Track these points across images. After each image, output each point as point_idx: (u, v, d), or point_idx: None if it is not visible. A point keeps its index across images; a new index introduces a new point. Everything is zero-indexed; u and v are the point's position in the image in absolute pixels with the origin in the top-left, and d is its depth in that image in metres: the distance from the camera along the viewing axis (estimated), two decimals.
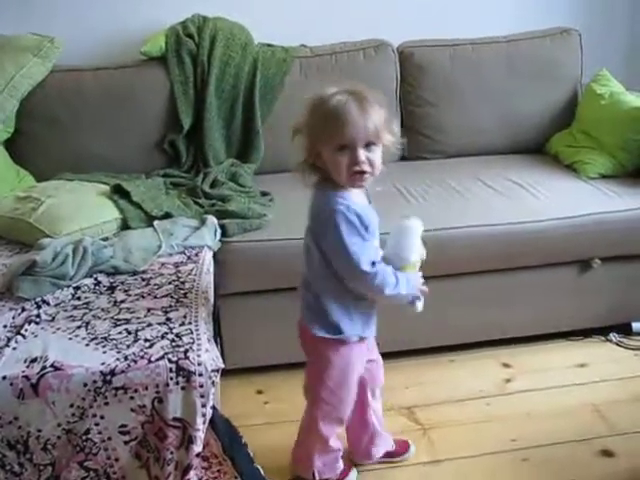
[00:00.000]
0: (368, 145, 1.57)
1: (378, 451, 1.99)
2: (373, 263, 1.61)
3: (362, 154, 1.56)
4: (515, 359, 2.48)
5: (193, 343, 1.62)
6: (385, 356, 2.44)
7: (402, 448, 2.05)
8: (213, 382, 1.57)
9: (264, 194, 2.57)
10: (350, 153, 1.56)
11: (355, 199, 1.64)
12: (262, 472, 1.70)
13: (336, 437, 1.88)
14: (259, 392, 2.38)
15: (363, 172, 1.58)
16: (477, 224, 2.34)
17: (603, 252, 2.47)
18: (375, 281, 1.61)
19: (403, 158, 2.98)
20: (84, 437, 1.56)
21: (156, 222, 2.32)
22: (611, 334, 2.60)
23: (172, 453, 1.58)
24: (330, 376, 1.75)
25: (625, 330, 2.61)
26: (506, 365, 2.46)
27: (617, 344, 2.57)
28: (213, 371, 1.58)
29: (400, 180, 2.67)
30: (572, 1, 3.26)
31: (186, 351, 1.59)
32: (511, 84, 2.97)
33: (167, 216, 2.36)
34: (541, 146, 3.01)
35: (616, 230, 2.44)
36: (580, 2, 3.26)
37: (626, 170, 2.67)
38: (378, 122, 1.57)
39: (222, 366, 1.62)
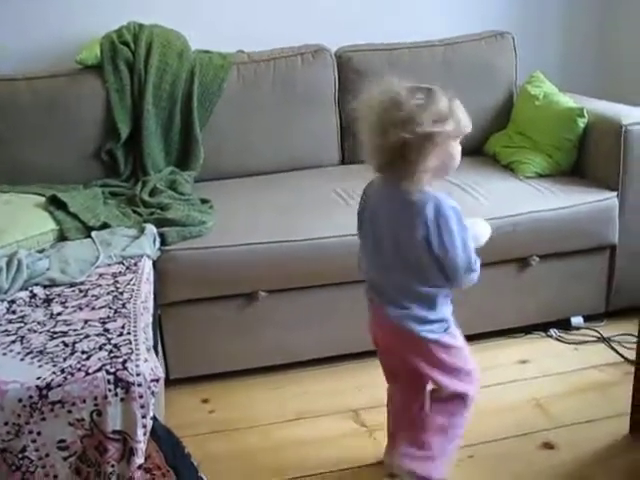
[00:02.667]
0: None
1: None
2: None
3: None
4: None
5: (132, 353, 1.59)
6: (329, 360, 2.49)
7: None
8: (153, 392, 1.55)
9: (204, 201, 2.55)
10: (459, 143, 1.64)
11: None
12: None
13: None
14: (204, 401, 2.36)
15: None
16: None
17: (541, 249, 2.52)
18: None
19: (343, 162, 3.01)
20: (20, 455, 1.51)
21: (94, 233, 2.28)
22: (551, 330, 2.66)
23: (113, 467, 1.55)
24: None
25: (564, 325, 2.66)
26: None
27: (557, 339, 2.63)
28: (152, 381, 1.55)
29: (341, 184, 2.68)
30: (505, 5, 3.32)
31: (124, 362, 1.56)
32: (448, 87, 2.95)
33: (105, 226, 2.33)
34: (479, 147, 3.05)
35: (553, 227, 2.49)
36: (513, 6, 3.33)
37: (561, 169, 2.73)
38: None
39: (162, 376, 1.59)
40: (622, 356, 2.47)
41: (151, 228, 2.29)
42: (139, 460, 1.55)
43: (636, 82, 3.23)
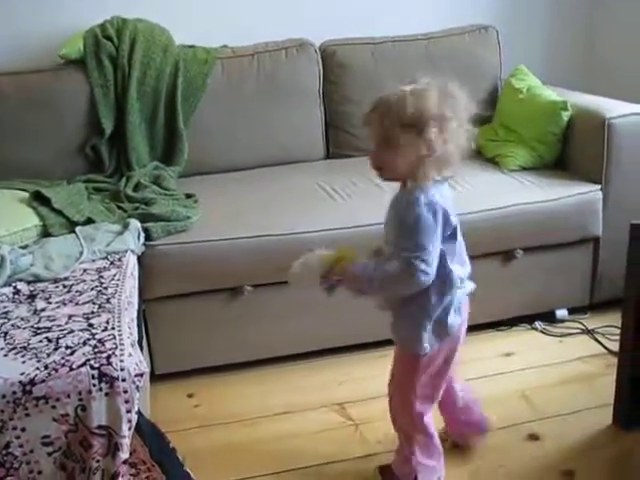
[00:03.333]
0: (378, 145, 1.60)
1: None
2: None
3: (372, 153, 1.63)
4: None
5: (116, 348, 1.59)
6: (315, 354, 2.49)
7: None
8: (137, 387, 1.54)
9: (188, 196, 2.55)
10: None
11: None
12: (192, 476, 1.69)
13: None
14: (190, 396, 2.36)
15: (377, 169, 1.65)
16: None
17: (525, 242, 2.53)
18: None
19: (328, 156, 3.02)
20: (4, 451, 1.51)
21: (78, 228, 2.27)
22: (536, 322, 2.67)
23: (98, 462, 1.55)
24: None
25: (549, 318, 2.68)
26: None
27: (542, 332, 2.64)
28: (137, 376, 1.55)
29: (325, 178, 2.68)
30: None
31: (109, 357, 1.56)
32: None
33: (89, 222, 2.32)
34: None
35: (537, 220, 2.51)
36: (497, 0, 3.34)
37: (545, 162, 2.74)
38: (389, 124, 1.55)
39: (146, 370, 1.59)
40: (606, 348, 2.49)
41: (135, 223, 2.28)
42: (124, 455, 1.55)
43: (619, 76, 3.25)
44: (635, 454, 2.02)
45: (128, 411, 1.54)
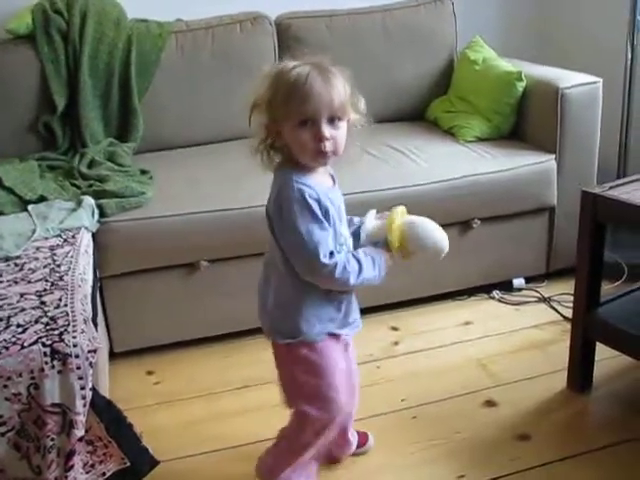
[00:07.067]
0: (332, 120, 1.45)
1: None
2: (332, 253, 1.48)
3: (326, 130, 1.44)
4: (402, 322, 2.54)
5: (68, 325, 1.57)
6: None
7: (362, 440, 1.96)
8: (91, 363, 1.53)
9: (143, 172, 2.52)
10: (313, 128, 1.44)
11: (318, 180, 1.52)
12: (150, 451, 1.68)
13: None
14: (149, 373, 2.34)
15: (325, 150, 1.46)
16: (359, 191, 2.36)
17: (482, 212, 2.56)
18: (336, 273, 1.48)
19: None
20: None
21: (31, 206, 2.24)
22: (494, 291, 2.70)
23: (53, 440, 1.53)
24: None
25: (507, 287, 2.72)
26: (394, 328, 2.52)
27: (499, 300, 2.68)
28: (90, 352, 1.53)
29: None
30: None
31: (61, 334, 1.54)
32: (389, 53, 3.01)
33: (42, 200, 2.29)
34: (421, 113, 3.07)
35: (493, 190, 2.53)
36: None
37: (501, 132, 2.76)
38: (343, 95, 1.46)
39: (100, 346, 1.58)
40: (561, 314, 2.54)
41: (89, 200, 2.25)
42: (79, 432, 1.54)
43: (573, 47, 3.28)
44: (587, 415, 2.07)
45: (82, 388, 1.52)
